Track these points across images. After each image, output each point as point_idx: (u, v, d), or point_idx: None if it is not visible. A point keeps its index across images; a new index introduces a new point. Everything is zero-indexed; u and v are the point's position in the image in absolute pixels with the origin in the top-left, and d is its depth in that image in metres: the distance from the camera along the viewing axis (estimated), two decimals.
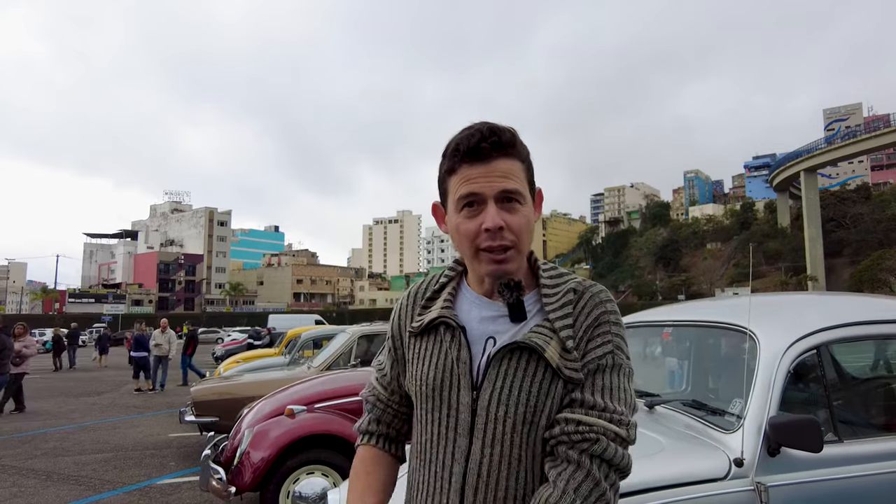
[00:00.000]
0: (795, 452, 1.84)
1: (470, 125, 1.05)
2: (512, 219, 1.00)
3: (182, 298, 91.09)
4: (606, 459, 0.96)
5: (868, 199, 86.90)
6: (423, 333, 1.11)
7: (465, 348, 1.05)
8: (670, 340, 2.90)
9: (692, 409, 2.24)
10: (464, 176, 1.02)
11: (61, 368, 21.20)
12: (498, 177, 1.00)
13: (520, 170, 1.03)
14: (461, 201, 1.02)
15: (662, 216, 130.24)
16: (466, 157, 1.01)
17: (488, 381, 1.02)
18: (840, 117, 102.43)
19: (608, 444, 0.96)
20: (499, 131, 1.01)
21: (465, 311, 1.09)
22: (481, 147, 1.00)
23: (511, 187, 1.01)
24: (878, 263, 63.34)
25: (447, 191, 1.07)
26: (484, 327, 1.07)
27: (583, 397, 1.00)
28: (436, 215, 1.14)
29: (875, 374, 2.70)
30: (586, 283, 1.09)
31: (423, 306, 1.14)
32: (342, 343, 7.31)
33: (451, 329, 1.07)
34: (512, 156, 1.02)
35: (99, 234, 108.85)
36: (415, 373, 1.10)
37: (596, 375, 1.01)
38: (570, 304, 1.04)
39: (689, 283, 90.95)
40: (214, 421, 6.40)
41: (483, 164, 1.00)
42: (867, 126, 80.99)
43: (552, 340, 1.01)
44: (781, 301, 2.87)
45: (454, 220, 1.05)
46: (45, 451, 7.41)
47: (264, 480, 4.13)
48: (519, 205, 1.02)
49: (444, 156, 1.06)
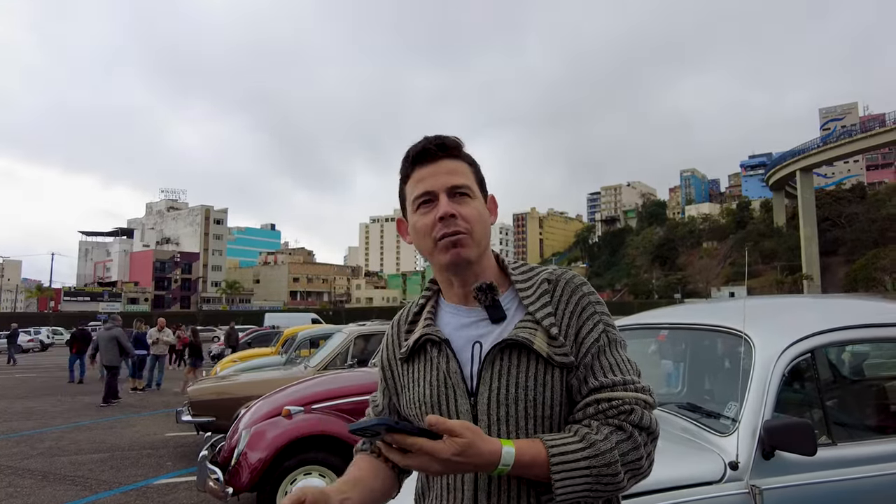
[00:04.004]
0: (790, 455, 1.85)
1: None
2: (463, 209, 1.07)
3: (178, 297, 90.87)
4: (644, 427, 1.00)
5: (863, 199, 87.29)
6: (412, 357, 1.14)
7: (454, 359, 1.07)
8: (665, 343, 2.92)
9: (687, 411, 2.26)
10: (416, 178, 1.10)
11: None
12: (445, 174, 1.08)
13: (467, 170, 1.11)
14: (416, 201, 1.09)
15: (659, 215, 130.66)
16: (416, 161, 1.10)
17: (483, 385, 1.04)
18: (836, 116, 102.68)
19: (643, 413, 1.01)
20: (444, 137, 1.11)
21: (446, 323, 1.13)
22: (427, 149, 1.09)
23: (459, 182, 1.08)
24: (872, 262, 63.72)
25: (405, 198, 1.14)
26: (467, 334, 1.09)
27: (600, 381, 1.03)
28: (400, 230, 1.20)
29: (869, 377, 2.72)
30: (557, 271, 1.13)
31: (407, 331, 1.18)
32: (339, 343, 7.31)
33: (437, 344, 1.10)
34: (457, 157, 1.11)
35: (94, 232, 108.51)
36: (412, 397, 1.12)
37: (601, 357, 1.05)
38: (546, 293, 1.08)
39: (686, 282, 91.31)
40: (211, 421, 6.39)
41: (431, 165, 1.09)
42: (863, 126, 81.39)
43: (537, 332, 1.04)
44: (776, 304, 2.89)
45: (412, 220, 1.11)
46: (41, 451, 7.39)
47: (261, 481, 4.14)
48: (469, 198, 1.08)
49: (400, 171, 1.15)
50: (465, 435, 0.91)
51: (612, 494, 1.00)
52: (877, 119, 79.20)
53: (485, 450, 0.92)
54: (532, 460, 0.95)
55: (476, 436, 0.92)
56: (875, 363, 2.80)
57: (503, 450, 0.94)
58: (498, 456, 0.93)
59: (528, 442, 0.98)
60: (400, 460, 0.95)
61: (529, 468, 0.95)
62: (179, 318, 43.97)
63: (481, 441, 0.92)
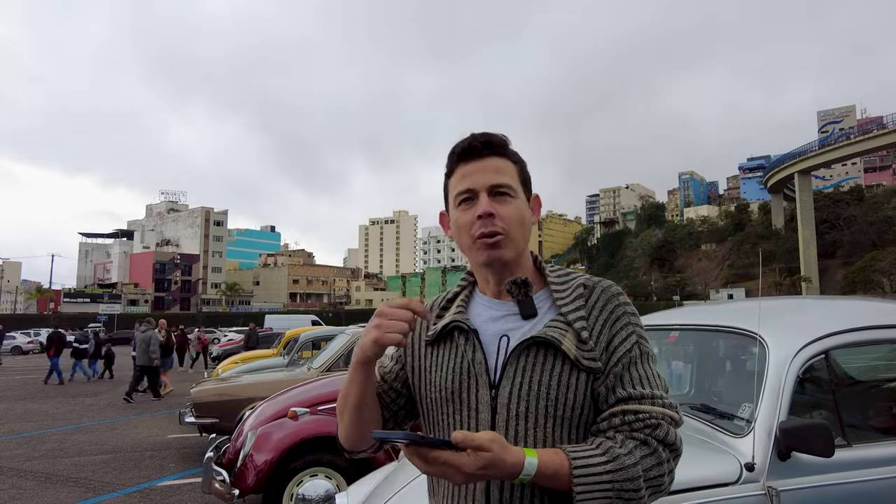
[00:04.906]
0: (804, 457, 1.85)
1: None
2: (502, 209, 1.07)
3: (178, 298, 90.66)
4: (668, 443, 0.99)
5: (861, 201, 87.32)
6: (438, 341, 1.14)
7: (480, 349, 1.07)
8: (676, 343, 2.92)
9: (700, 412, 2.25)
10: (460, 174, 1.10)
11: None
12: (489, 172, 1.08)
13: (511, 168, 1.11)
14: (458, 198, 1.10)
15: (658, 217, 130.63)
16: (461, 158, 1.11)
17: (506, 378, 1.04)
18: (834, 119, 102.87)
19: (668, 429, 1.00)
20: (490, 135, 1.11)
21: (477, 314, 1.13)
22: (473, 146, 1.09)
23: (501, 181, 1.08)
24: (871, 265, 63.78)
25: (448, 193, 1.14)
26: (496, 327, 1.09)
27: (628, 392, 1.02)
28: (442, 223, 1.22)
29: (884, 378, 2.72)
30: (595, 278, 1.14)
31: (438, 315, 1.18)
32: (342, 344, 7.30)
33: (465, 332, 1.10)
34: (503, 155, 1.10)
35: (94, 234, 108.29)
36: (433, 379, 1.11)
37: (631, 368, 1.04)
38: (581, 297, 1.08)
39: (684, 284, 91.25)
40: (214, 422, 6.38)
41: (476, 162, 1.09)
42: (860, 128, 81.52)
43: (568, 333, 1.03)
44: (789, 305, 2.88)
45: (453, 215, 1.12)
46: (43, 453, 7.37)
47: (267, 483, 4.13)
48: (510, 198, 1.08)
49: (445, 165, 1.15)
50: (491, 449, 0.89)
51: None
52: (875, 122, 79.42)
53: (508, 461, 0.91)
54: (555, 472, 0.94)
55: (501, 448, 0.91)
56: (888, 364, 2.80)
57: (526, 460, 0.92)
58: (520, 467, 0.92)
59: (551, 452, 0.96)
60: (422, 467, 0.94)
61: (551, 480, 0.95)
62: (180, 319, 43.90)
63: (505, 453, 0.91)
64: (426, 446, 0.91)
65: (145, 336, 12.49)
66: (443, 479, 1.07)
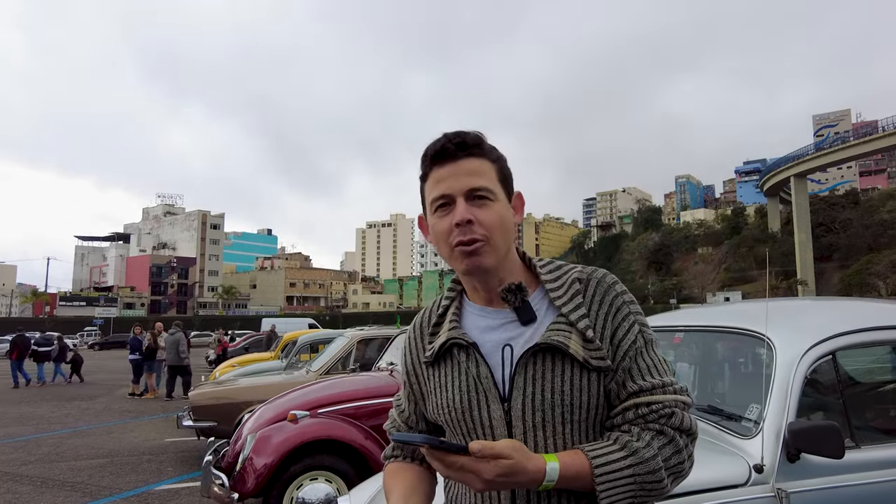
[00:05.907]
0: (814, 458, 1.83)
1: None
2: (481, 213, 1.01)
3: (175, 302, 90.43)
4: (684, 430, 0.99)
5: (857, 205, 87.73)
6: (437, 361, 1.10)
7: (483, 363, 1.04)
8: (681, 344, 2.91)
9: (707, 414, 2.24)
10: (434, 178, 1.04)
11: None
12: (465, 175, 1.01)
13: (489, 168, 1.04)
14: (434, 203, 1.04)
15: (654, 220, 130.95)
16: (434, 160, 1.04)
17: (517, 390, 1.01)
18: (829, 123, 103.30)
19: (682, 415, 1.00)
20: (463, 134, 1.03)
21: (473, 326, 1.08)
22: (446, 148, 1.03)
23: (478, 184, 1.01)
24: (866, 268, 64.03)
25: (425, 198, 1.08)
26: (496, 336, 1.05)
27: (639, 385, 1.01)
28: (422, 228, 1.15)
29: (892, 379, 2.71)
30: (588, 269, 1.10)
31: (432, 333, 1.13)
32: (341, 347, 7.28)
33: (464, 348, 1.06)
34: (479, 155, 1.03)
35: (91, 237, 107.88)
36: (439, 402, 1.08)
37: (638, 359, 1.03)
38: (578, 293, 1.05)
39: (681, 287, 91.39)
40: (213, 426, 6.33)
41: (451, 164, 1.02)
42: (856, 132, 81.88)
43: (572, 334, 1.01)
44: (796, 306, 2.87)
45: (431, 222, 1.06)
46: (39, 457, 7.31)
47: (267, 486, 4.09)
48: (489, 201, 1.02)
49: (419, 168, 1.10)
50: (511, 456, 0.88)
51: (655, 499, 0.98)
52: (870, 125, 79.69)
53: (530, 469, 0.90)
54: (576, 474, 0.93)
55: (522, 456, 0.90)
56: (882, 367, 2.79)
57: (547, 466, 0.91)
58: (542, 474, 0.91)
59: (571, 454, 0.95)
60: (442, 470, 0.93)
61: (573, 482, 0.94)
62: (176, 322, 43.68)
63: (526, 460, 0.90)
64: (443, 451, 0.89)
65: (175, 338, 12.95)
66: (464, 487, 1.06)
